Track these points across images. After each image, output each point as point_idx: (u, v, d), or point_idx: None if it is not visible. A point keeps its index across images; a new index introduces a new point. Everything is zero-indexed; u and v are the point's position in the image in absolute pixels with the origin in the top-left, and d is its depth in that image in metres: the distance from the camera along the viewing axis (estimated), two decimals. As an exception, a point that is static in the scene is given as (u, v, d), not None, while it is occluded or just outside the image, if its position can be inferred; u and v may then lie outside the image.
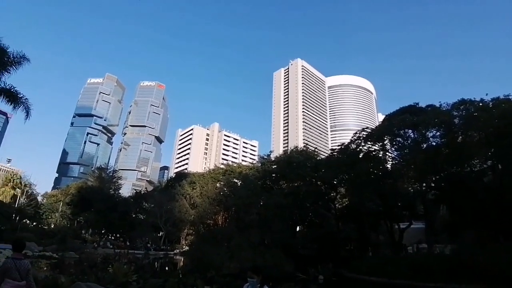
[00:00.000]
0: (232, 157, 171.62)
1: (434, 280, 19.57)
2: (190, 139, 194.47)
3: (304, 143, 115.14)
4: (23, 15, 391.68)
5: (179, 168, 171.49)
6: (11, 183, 62.42)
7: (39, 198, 73.66)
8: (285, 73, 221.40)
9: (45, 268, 16.79)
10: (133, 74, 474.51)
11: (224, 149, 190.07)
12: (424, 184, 31.52)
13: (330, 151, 43.55)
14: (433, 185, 31.85)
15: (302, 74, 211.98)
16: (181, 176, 74.04)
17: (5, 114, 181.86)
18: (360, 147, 34.13)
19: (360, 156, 33.40)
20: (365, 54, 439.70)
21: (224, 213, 46.95)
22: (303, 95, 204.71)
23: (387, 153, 34.01)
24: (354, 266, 26.97)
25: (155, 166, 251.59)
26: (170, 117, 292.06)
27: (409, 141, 31.18)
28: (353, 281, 25.40)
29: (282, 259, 26.46)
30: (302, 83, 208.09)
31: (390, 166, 34.42)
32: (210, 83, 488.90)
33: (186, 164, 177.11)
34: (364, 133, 34.21)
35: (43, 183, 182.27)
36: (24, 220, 56.06)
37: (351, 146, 35.34)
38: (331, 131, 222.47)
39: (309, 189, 37.22)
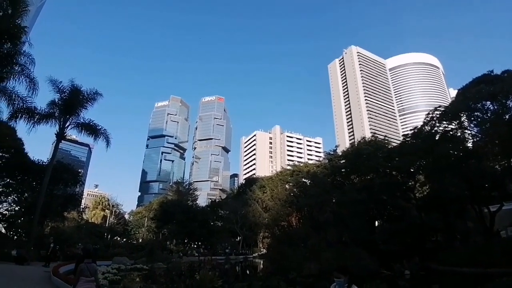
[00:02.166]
0: (297, 157, 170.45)
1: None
2: (254, 144, 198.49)
3: (371, 132, 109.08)
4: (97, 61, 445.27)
5: (247, 174, 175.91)
6: (101, 206, 70.72)
7: (126, 216, 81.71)
8: (340, 63, 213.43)
9: (137, 280, 18.35)
10: (194, 92, 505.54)
11: (288, 150, 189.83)
12: (512, 159, 27.47)
13: (402, 137, 40.55)
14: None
15: (359, 61, 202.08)
16: (251, 181, 75.66)
17: (87, 145, 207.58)
18: (435, 129, 31.15)
19: (437, 138, 30.45)
20: (421, 31, 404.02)
21: (297, 213, 46.63)
22: (363, 83, 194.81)
23: (466, 131, 30.41)
24: (442, 258, 24.94)
25: (225, 175, 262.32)
26: (233, 126, 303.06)
27: (488, 114, 27.56)
28: (443, 274, 23.20)
29: (364, 257, 25.24)
30: (360, 70, 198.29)
31: (471, 145, 30.70)
32: (266, 88, 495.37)
33: (254, 169, 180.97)
34: (437, 112, 31.22)
35: (128, 202, 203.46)
36: (115, 237, 61.62)
37: (424, 128, 32.39)
38: (400, 115, 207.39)
39: (384, 180, 34.98)
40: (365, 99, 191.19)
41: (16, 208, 36.11)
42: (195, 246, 69.16)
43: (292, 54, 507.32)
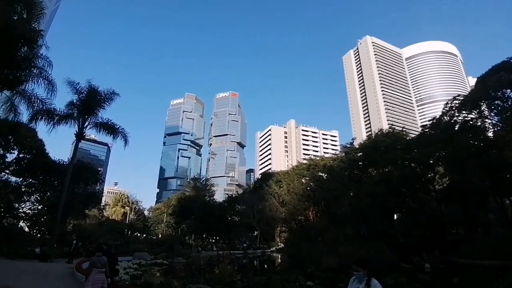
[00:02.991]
0: (313, 150, 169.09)
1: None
2: (269, 139, 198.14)
3: (388, 124, 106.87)
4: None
5: (263, 169, 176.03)
6: (121, 203, 72.36)
7: (146, 213, 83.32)
8: (355, 54, 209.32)
9: (158, 274, 18.61)
10: (208, 88, 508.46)
11: (303, 144, 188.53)
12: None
13: (420, 128, 39.49)
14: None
15: (374, 51, 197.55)
16: (267, 176, 75.56)
17: (106, 144, 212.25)
18: (454, 118, 30.32)
19: (456, 128, 29.61)
20: (438, 18, 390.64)
21: (314, 208, 46.36)
22: (379, 73, 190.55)
23: (486, 120, 29.47)
24: (463, 250, 24.31)
25: (241, 170, 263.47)
26: (248, 122, 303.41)
27: (509, 103, 26.62)
28: (463, 267, 22.58)
29: (383, 250, 24.85)
30: (376, 61, 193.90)
31: (492, 135, 29.68)
32: (280, 82, 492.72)
33: (269, 164, 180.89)
34: (456, 101, 30.38)
35: (147, 199, 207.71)
36: (135, 233, 62.60)
37: (443, 118, 31.56)
38: (418, 105, 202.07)
39: (403, 173, 34.24)
40: (382, 90, 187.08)
41: (39, 207, 37.29)
42: (213, 240, 69.89)
43: (305, 46, 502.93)
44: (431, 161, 34.09)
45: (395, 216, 41.35)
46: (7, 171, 33.77)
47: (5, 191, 32.40)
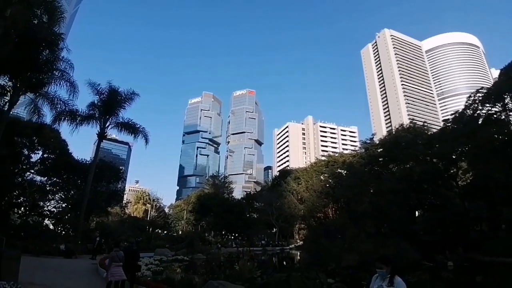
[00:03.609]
0: (332, 147, 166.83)
1: None
2: (287, 136, 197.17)
3: (409, 118, 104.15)
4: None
5: (281, 166, 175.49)
6: (142, 200, 73.88)
7: (166, 210, 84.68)
8: (373, 48, 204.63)
9: (178, 270, 18.86)
10: (225, 86, 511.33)
11: (322, 140, 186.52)
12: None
13: (442, 123, 38.27)
14: None
15: (393, 44, 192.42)
16: (285, 173, 75.34)
17: (127, 143, 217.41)
18: (478, 112, 29.37)
19: (479, 122, 28.63)
20: (458, 8, 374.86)
21: (333, 205, 45.83)
22: (398, 67, 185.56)
23: (511, 113, 28.17)
24: (487, 248, 23.59)
25: (259, 167, 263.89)
26: (265, 119, 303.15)
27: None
28: (487, 265, 21.80)
29: (405, 247, 24.25)
30: (395, 54, 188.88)
31: None
32: (297, 78, 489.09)
33: (287, 161, 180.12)
34: (480, 94, 29.31)
35: (167, 196, 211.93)
36: (156, 230, 63.94)
37: (466, 112, 30.61)
38: (439, 99, 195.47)
39: (424, 169, 33.22)
40: (402, 84, 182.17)
41: (63, 205, 38.55)
42: (232, 237, 70.44)
43: (321, 41, 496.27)
44: (453, 156, 32.98)
45: (417, 213, 40.28)
46: (32, 171, 34.96)
47: (30, 190, 33.54)
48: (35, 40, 18.78)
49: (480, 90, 30.03)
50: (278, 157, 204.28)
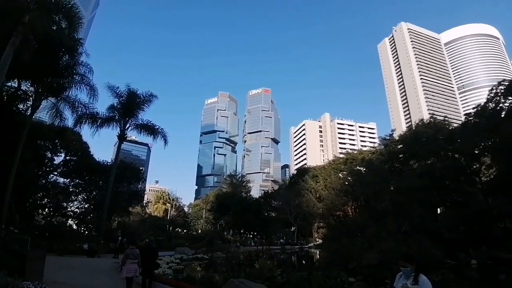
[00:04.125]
0: (350, 144, 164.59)
1: None
2: (304, 134, 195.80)
3: (429, 113, 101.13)
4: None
5: (298, 164, 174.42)
6: (162, 200, 75.27)
7: (186, 209, 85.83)
8: (390, 42, 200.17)
9: (199, 269, 19.03)
10: (240, 86, 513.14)
11: (339, 137, 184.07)
12: None
13: (463, 117, 37.00)
14: None
15: (411, 38, 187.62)
16: (303, 171, 74.80)
17: (146, 145, 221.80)
18: (500, 105, 28.12)
19: (502, 116, 27.38)
20: (474, 1, 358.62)
21: (352, 203, 45.08)
22: (417, 60, 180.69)
23: (536, 105, 26.85)
24: (510, 245, 22.59)
25: (276, 166, 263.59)
26: (281, 117, 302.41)
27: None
28: (510, 262, 20.82)
29: (428, 245, 23.60)
30: (413, 47, 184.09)
31: None
32: (313, 75, 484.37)
33: (305, 159, 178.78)
34: (502, 87, 28.13)
35: (186, 195, 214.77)
36: (176, 229, 64.82)
37: (488, 105, 29.39)
38: (460, 93, 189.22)
39: (446, 165, 32.07)
40: (421, 78, 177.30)
41: (86, 206, 39.81)
42: (251, 236, 70.62)
43: (336, 37, 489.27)
44: (476, 152, 31.75)
45: (439, 210, 39.08)
46: (55, 173, 36.26)
47: (54, 191, 34.76)
48: (55, 46, 19.34)
49: (502, 83, 28.91)
50: (295, 155, 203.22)
